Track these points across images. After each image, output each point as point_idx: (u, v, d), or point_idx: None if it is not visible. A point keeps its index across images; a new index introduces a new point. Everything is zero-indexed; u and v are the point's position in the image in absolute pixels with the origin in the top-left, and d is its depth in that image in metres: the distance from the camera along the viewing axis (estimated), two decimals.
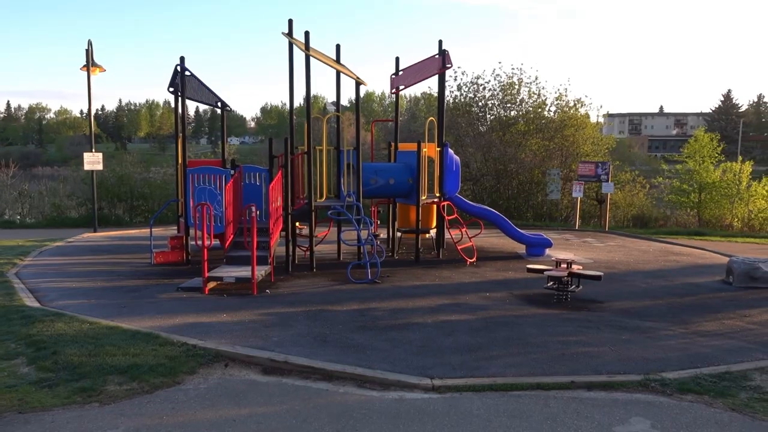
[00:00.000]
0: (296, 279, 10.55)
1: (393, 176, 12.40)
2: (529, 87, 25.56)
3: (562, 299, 9.08)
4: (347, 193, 11.44)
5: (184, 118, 11.74)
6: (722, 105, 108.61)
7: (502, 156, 24.15)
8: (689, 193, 27.80)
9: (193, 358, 6.00)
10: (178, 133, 11.88)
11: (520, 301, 9.09)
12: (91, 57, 17.16)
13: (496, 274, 11.31)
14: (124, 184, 22.12)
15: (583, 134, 25.56)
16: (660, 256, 13.93)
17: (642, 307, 8.86)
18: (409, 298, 9.15)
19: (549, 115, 25.90)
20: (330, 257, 12.92)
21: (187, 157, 12.43)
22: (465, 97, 26.30)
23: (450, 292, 9.58)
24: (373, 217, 13.90)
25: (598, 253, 14.17)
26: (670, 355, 6.52)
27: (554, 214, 25.30)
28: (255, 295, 9.20)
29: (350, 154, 11.75)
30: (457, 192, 13.43)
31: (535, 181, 24.51)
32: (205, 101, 12.47)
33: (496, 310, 8.42)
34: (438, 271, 11.51)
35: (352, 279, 10.32)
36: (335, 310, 8.25)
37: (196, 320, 7.57)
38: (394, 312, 8.22)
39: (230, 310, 8.14)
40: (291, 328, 7.29)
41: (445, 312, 8.25)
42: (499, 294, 9.55)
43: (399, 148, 13.79)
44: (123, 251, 13.63)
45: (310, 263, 11.41)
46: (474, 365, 6.04)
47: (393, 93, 13.57)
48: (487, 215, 13.54)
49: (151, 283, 10.05)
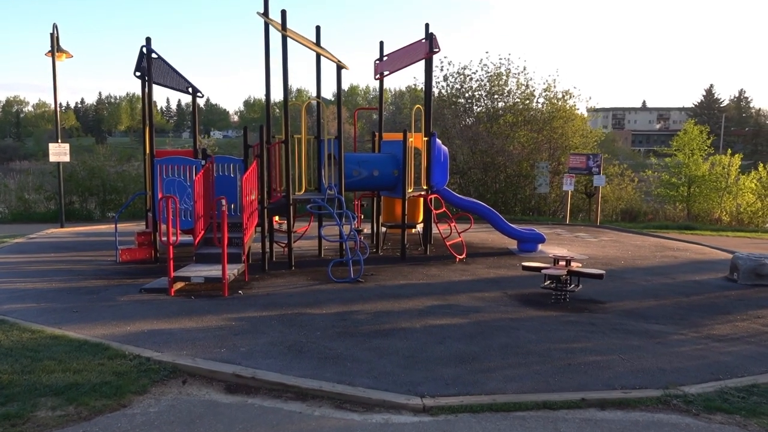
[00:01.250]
0: (273, 278, 9.74)
1: (377, 168, 11.62)
2: (517, 78, 24.91)
3: (561, 299, 8.38)
4: (328, 186, 10.64)
5: (151, 104, 10.84)
6: (704, 100, 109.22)
7: (490, 148, 23.45)
8: (678, 186, 27.37)
9: (146, 374, 5.18)
10: (146, 120, 10.96)
11: (515, 301, 8.37)
12: (56, 42, 16.12)
13: (488, 271, 10.59)
14: (95, 177, 21.05)
15: (572, 126, 24.97)
16: (657, 251, 13.31)
17: (647, 308, 8.18)
18: (395, 299, 8.39)
19: (537, 106, 25.27)
20: (310, 254, 12.12)
21: (165, 147, 11.53)
22: (451, 88, 25.57)
23: (439, 292, 8.84)
24: (357, 212, 13.12)
25: (592, 248, 13.52)
26: (687, 364, 5.83)
27: (542, 208, 24.71)
28: (226, 296, 8.38)
29: (331, 144, 10.95)
30: (445, 184, 12.68)
31: (524, 174, 23.86)
32: (174, 87, 11.57)
33: (491, 313, 7.68)
34: (426, 268, 10.77)
35: (333, 278, 9.53)
36: (314, 314, 7.46)
37: (156, 327, 6.74)
38: (378, 315, 7.45)
39: (196, 315, 7.32)
40: (263, 335, 6.49)
41: (435, 315, 7.50)
42: (493, 294, 8.82)
43: (384, 138, 13.01)
44: (88, 248, 12.70)
45: (288, 261, 10.60)
46: (470, 379, 5.29)
47: (377, 79, 12.77)
48: (477, 209, 12.82)
49: (112, 283, 9.18)
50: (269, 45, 10.07)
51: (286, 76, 10.07)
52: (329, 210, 10.31)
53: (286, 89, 10.09)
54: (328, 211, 10.35)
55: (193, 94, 11.70)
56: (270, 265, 10.57)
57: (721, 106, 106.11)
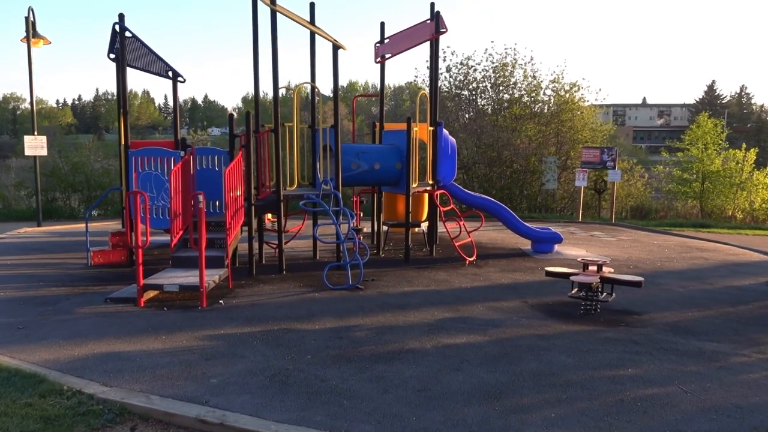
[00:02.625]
0: (260, 284, 8.60)
1: (378, 160, 10.46)
2: (524, 69, 23.73)
3: (591, 311, 7.24)
4: (323, 180, 9.49)
5: (125, 89, 9.66)
6: (706, 96, 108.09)
7: (495, 142, 22.30)
8: (691, 182, 26.24)
9: (84, 418, 4.03)
10: (121, 107, 9.79)
11: (538, 313, 7.23)
12: (32, 27, 14.95)
13: (502, 276, 9.45)
14: (79, 173, 19.89)
15: (581, 119, 23.82)
16: (683, 252, 12.18)
17: (692, 321, 7.04)
18: (399, 310, 7.25)
19: (545, 98, 24.10)
20: (304, 256, 10.97)
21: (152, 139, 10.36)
22: (455, 80, 24.40)
23: (450, 301, 7.70)
24: (355, 209, 11.98)
25: (612, 249, 12.38)
26: (767, 398, 4.70)
27: (550, 205, 23.58)
28: (204, 307, 7.24)
29: (327, 134, 9.80)
30: (453, 179, 11.54)
31: (531, 170, 22.70)
32: (152, 70, 10.40)
33: (513, 328, 6.54)
34: (432, 272, 9.63)
35: (328, 285, 8.39)
36: (304, 330, 6.31)
37: (112, 348, 5.60)
38: (381, 332, 6.31)
39: (165, 332, 6.17)
40: (241, 360, 5.35)
41: (447, 331, 6.36)
42: (511, 303, 7.68)
43: (385, 129, 11.86)
44: (60, 249, 11.55)
45: (279, 264, 9.45)
46: (501, 424, 4.14)
47: (378, 62, 11.60)
48: (488, 206, 11.66)
49: (76, 291, 8.03)
50: (257, 23, 8.95)
51: (275, 56, 8.90)
52: (324, 207, 9.16)
53: (275, 71, 8.92)
54: (323, 208, 9.20)
55: (174, 78, 10.53)
56: (258, 269, 9.44)
57: (723, 102, 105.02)
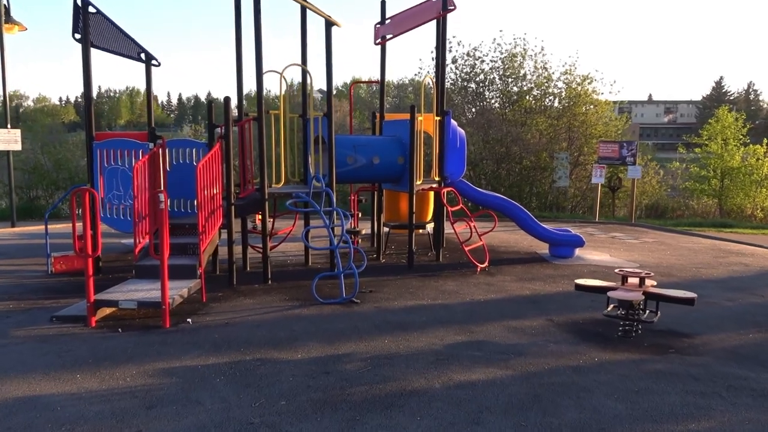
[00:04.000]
0: (240, 297, 7.39)
1: (378, 154, 9.25)
2: (535, 59, 22.46)
3: (631, 332, 6.01)
4: (314, 176, 8.28)
5: (89, 73, 8.47)
6: (714, 92, 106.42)
7: (504, 137, 21.06)
8: (710, 179, 24.96)
9: None
10: (88, 94, 8.58)
11: (568, 335, 6.00)
12: (3, 11, 13.77)
13: (520, 286, 8.22)
14: (62, 170, 18.76)
15: (595, 113, 22.54)
16: (718, 256, 10.93)
17: (755, 346, 5.80)
18: (401, 331, 6.03)
19: (556, 91, 22.81)
20: (295, 262, 9.77)
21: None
22: (461, 72, 23.15)
23: (461, 319, 6.48)
24: (353, 208, 10.76)
25: (638, 252, 11.14)
26: None
27: (562, 203, 22.33)
28: (167, 328, 6.04)
29: (319, 123, 8.59)
30: (462, 175, 10.31)
31: (542, 166, 21.45)
32: (122, 52, 9.18)
33: (541, 357, 5.32)
34: (439, 281, 8.41)
35: (318, 298, 7.18)
36: (282, 361, 5.10)
37: (32, 391, 4.39)
38: (377, 363, 5.09)
39: (109, 364, 4.97)
40: (194, 408, 4.14)
41: (460, 361, 5.14)
42: (534, 322, 6.46)
43: (386, 119, 10.63)
44: (25, 254, 10.38)
45: (264, 273, 8.25)
46: None
47: (378, 44, 10.36)
48: (501, 205, 10.43)
49: (22, 306, 6.84)
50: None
51: (258, 33, 7.69)
52: (315, 207, 7.95)
53: (259, 48, 7.70)
54: (314, 208, 7.99)
55: (147, 61, 9.32)
56: (241, 278, 8.25)
57: (730, 99, 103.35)
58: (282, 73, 8.14)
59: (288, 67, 8.19)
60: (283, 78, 8.14)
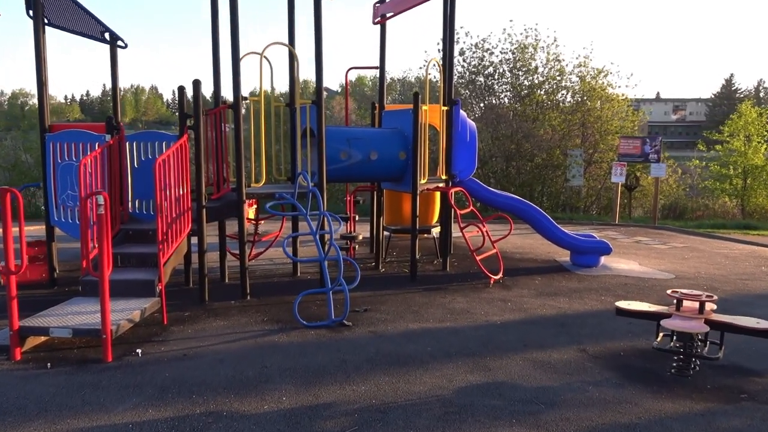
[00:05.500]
0: (209, 318, 6.20)
1: (375, 148, 8.04)
2: (547, 51, 21.15)
3: (688, 370, 4.78)
4: (299, 173, 7.07)
5: (41, 54, 7.31)
6: (724, 90, 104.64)
7: (515, 133, 19.80)
8: (731, 178, 23.59)
9: None
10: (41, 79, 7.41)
11: (608, 372, 4.78)
12: None
13: (541, 303, 7.00)
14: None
15: (611, 108, 21.23)
16: (760, 265, 9.67)
17: None
18: (400, 367, 4.83)
19: (569, 84, 21.51)
20: (282, 271, 8.59)
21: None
22: (469, 65, 21.88)
23: (475, 349, 5.27)
24: (349, 211, 9.54)
25: (670, 260, 9.89)
26: None
27: (576, 203, 21.06)
28: (108, 362, 4.86)
29: (307, 113, 7.38)
30: (472, 174, 9.09)
31: (555, 164, 20.18)
32: (83, 32, 8.01)
33: (579, 408, 4.10)
34: (447, 297, 7.20)
35: (301, 321, 5.98)
36: (242, 416, 3.91)
37: None
38: (367, 421, 3.89)
39: (11, 421, 3.78)
40: None
41: (474, 417, 3.93)
42: (565, 354, 5.24)
43: (386, 109, 9.41)
44: None
45: (242, 286, 7.05)
46: None
47: (376, 23, 9.13)
48: (517, 207, 9.19)
49: None
50: None
51: None
52: (300, 211, 6.74)
53: (234, 19, 6.50)
54: (299, 212, 6.79)
55: (112, 42, 8.14)
56: (215, 293, 7.07)
57: (741, 96, 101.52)
58: (263, 54, 6.93)
59: (270, 45, 6.99)
60: (264, 58, 6.93)
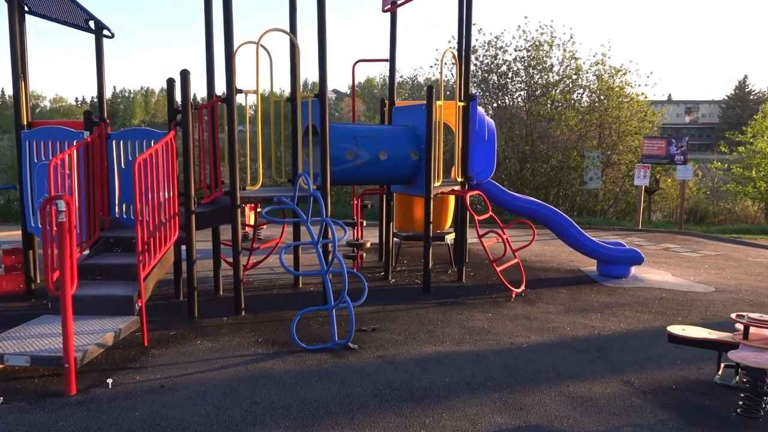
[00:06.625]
0: (196, 338, 5.48)
1: (385, 147, 7.29)
2: (563, 49, 20.34)
3: (757, 411, 3.99)
4: (299, 174, 6.33)
5: (19, 43, 6.64)
6: (738, 91, 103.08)
7: (530, 133, 19.02)
8: (755, 180, 22.63)
9: None
10: (16, 72, 6.73)
11: (662, 411, 4.00)
12: None
13: (570, 321, 6.22)
14: None
15: (630, 107, 20.38)
16: None
17: None
18: (413, 406, 4.08)
19: (587, 83, 20.67)
20: (282, 282, 7.87)
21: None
22: (481, 63, 21.10)
23: (501, 382, 4.51)
24: (356, 215, 8.79)
25: (705, 270, 9.08)
26: None
27: (593, 207, 20.22)
28: (71, 396, 4.14)
29: (309, 109, 6.65)
30: (490, 176, 8.33)
31: (572, 166, 19.35)
32: (65, 20, 7.33)
33: None
34: (465, 313, 6.44)
35: (300, 343, 5.24)
36: None
37: None
38: None
39: None
40: None
41: None
42: (607, 387, 4.46)
43: (396, 105, 8.67)
44: None
45: (236, 301, 6.33)
46: None
47: (386, 10, 8.39)
48: (540, 212, 8.42)
49: None
50: None
51: None
52: (300, 217, 6.00)
53: (227, 3, 5.80)
54: (299, 218, 6.05)
55: (98, 31, 7.44)
56: (207, 307, 6.37)
57: (755, 97, 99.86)
58: (259, 42, 6.21)
59: (267, 32, 6.26)
60: (261, 47, 6.21)
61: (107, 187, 6.44)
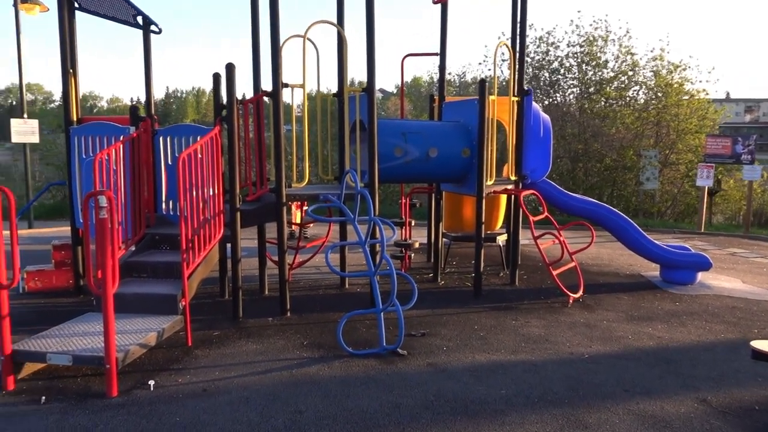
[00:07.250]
0: (240, 340, 5.32)
1: (435, 144, 6.99)
2: (619, 44, 19.56)
3: None
4: (347, 171, 6.11)
5: (71, 37, 6.65)
6: None
7: (583, 132, 18.36)
8: None
9: None
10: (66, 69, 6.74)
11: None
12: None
13: (634, 330, 5.80)
14: None
15: (690, 105, 19.44)
16: None
17: None
18: (468, 421, 3.78)
19: (644, 80, 19.83)
20: (328, 282, 7.66)
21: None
22: (533, 59, 20.52)
23: (562, 396, 4.17)
24: (404, 215, 8.52)
25: None
26: None
27: (650, 208, 19.38)
28: (113, 397, 4.02)
29: (357, 104, 6.41)
30: (545, 174, 7.93)
31: (627, 165, 18.59)
32: (114, 15, 7.32)
33: None
34: (519, 318, 6.09)
35: (346, 348, 5.00)
36: None
37: None
38: None
39: None
40: None
41: None
42: (681, 405, 4.06)
43: (446, 101, 8.36)
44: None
45: (281, 302, 6.15)
46: None
47: (437, 2, 8.09)
48: (600, 214, 7.97)
49: None
50: None
51: None
52: (348, 216, 5.77)
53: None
54: (346, 217, 5.82)
55: (145, 27, 7.40)
56: (252, 307, 6.23)
57: None
58: (305, 36, 6.01)
59: (314, 24, 6.06)
60: (307, 40, 6.01)
61: (154, 184, 6.37)
